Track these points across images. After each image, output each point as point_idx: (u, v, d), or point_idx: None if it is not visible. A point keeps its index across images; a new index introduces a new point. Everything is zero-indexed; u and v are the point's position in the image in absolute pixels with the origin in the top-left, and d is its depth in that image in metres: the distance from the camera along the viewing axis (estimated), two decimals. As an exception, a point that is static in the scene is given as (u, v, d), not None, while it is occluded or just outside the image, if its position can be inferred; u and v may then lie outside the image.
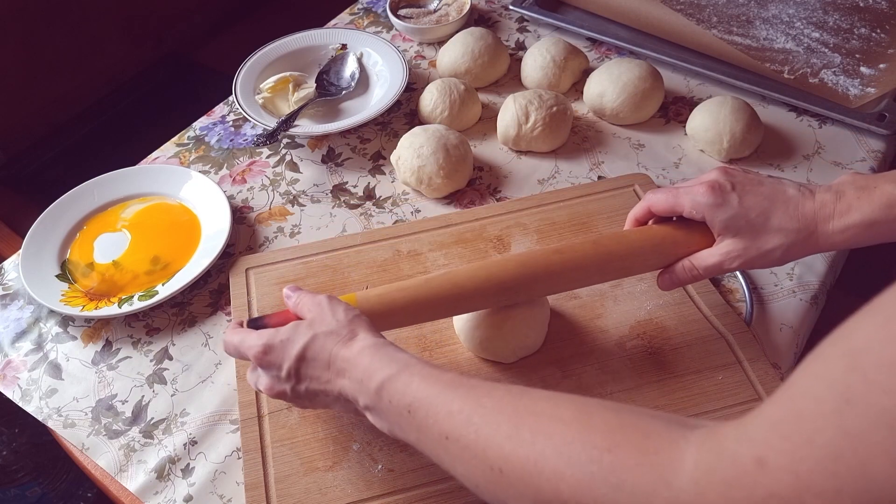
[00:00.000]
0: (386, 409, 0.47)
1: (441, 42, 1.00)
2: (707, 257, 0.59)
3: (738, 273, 0.71)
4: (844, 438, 0.27)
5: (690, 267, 0.59)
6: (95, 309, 0.71)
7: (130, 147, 0.95)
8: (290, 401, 0.53)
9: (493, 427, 0.41)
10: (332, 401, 0.51)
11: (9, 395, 0.68)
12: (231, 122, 0.94)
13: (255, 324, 0.59)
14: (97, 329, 0.72)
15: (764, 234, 0.56)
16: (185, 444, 0.63)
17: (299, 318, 0.54)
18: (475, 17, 1.06)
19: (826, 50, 0.92)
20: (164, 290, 0.72)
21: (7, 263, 0.79)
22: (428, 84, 0.90)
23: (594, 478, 0.36)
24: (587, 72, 0.93)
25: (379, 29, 1.05)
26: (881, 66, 0.89)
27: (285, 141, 0.90)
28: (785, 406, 0.31)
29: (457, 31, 0.98)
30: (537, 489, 0.38)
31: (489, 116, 0.90)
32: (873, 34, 0.94)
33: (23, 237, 0.77)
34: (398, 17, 1.02)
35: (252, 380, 0.55)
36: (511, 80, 0.96)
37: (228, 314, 0.72)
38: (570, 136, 0.87)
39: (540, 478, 0.38)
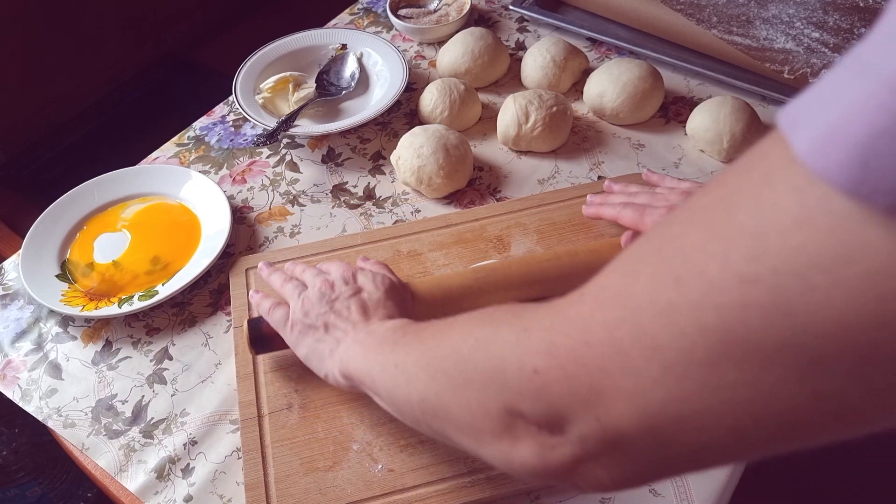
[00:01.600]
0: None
1: (441, 42, 1.00)
2: None
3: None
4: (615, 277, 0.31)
5: None
6: (95, 309, 0.71)
7: (130, 147, 0.95)
8: (289, 325, 0.57)
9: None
10: (327, 333, 0.55)
11: (9, 395, 0.68)
12: (231, 122, 0.94)
13: (257, 323, 0.60)
14: (97, 329, 0.72)
15: None
16: (185, 444, 0.63)
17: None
18: (475, 17, 1.06)
19: (826, 50, 0.92)
20: (164, 290, 0.72)
21: (7, 263, 0.79)
22: (428, 84, 0.90)
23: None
24: (587, 72, 0.93)
25: (379, 29, 1.05)
26: (881, 66, 0.89)
27: (285, 141, 0.90)
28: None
29: (457, 31, 0.98)
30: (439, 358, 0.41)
31: (489, 116, 0.90)
32: (873, 34, 0.94)
33: (23, 237, 0.77)
34: (398, 17, 1.02)
35: (287, 289, 0.60)
36: (511, 80, 0.96)
37: (228, 314, 0.72)
38: (570, 136, 0.87)
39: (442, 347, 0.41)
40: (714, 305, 0.25)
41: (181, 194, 0.82)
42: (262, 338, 0.62)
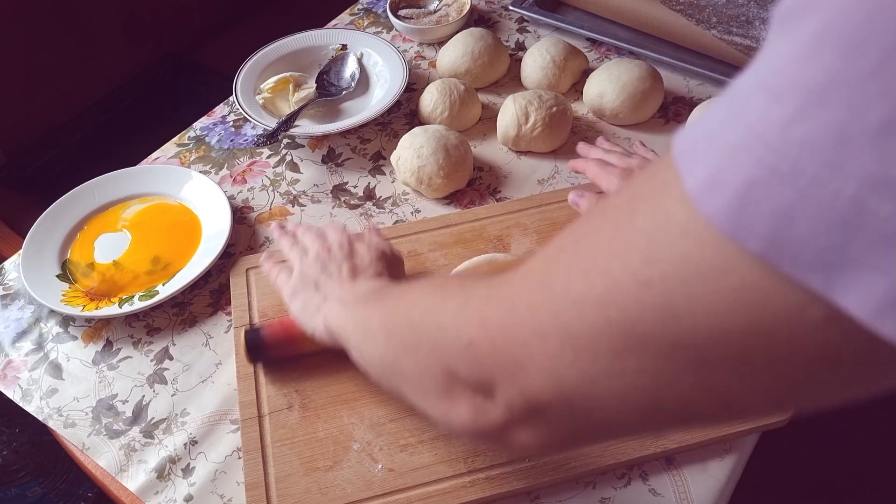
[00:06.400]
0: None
1: (441, 42, 1.00)
2: None
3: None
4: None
5: None
6: (96, 309, 0.71)
7: (130, 147, 0.95)
8: (288, 286, 0.60)
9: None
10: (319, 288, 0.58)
11: (9, 394, 0.68)
12: (231, 123, 0.94)
13: (255, 332, 0.62)
14: (98, 329, 0.73)
15: None
16: (185, 444, 0.63)
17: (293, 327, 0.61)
18: (475, 18, 1.06)
19: (825, 50, 0.92)
20: (165, 290, 0.72)
21: (8, 263, 0.80)
22: (428, 84, 0.90)
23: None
24: (587, 72, 0.93)
25: (379, 29, 1.05)
26: (881, 66, 0.89)
27: (285, 141, 0.90)
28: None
29: (457, 32, 0.98)
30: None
31: (489, 117, 0.91)
32: (873, 35, 0.94)
33: (23, 237, 0.77)
34: (398, 17, 1.02)
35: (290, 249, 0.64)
36: (511, 80, 0.96)
37: (229, 314, 0.72)
38: (570, 136, 0.87)
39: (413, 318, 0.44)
40: (616, 303, 0.27)
41: (181, 194, 0.83)
42: (258, 346, 0.63)
